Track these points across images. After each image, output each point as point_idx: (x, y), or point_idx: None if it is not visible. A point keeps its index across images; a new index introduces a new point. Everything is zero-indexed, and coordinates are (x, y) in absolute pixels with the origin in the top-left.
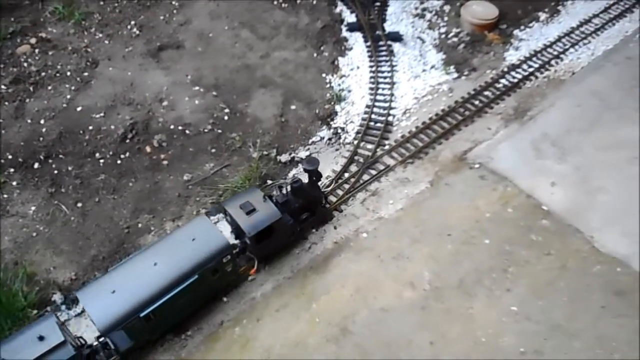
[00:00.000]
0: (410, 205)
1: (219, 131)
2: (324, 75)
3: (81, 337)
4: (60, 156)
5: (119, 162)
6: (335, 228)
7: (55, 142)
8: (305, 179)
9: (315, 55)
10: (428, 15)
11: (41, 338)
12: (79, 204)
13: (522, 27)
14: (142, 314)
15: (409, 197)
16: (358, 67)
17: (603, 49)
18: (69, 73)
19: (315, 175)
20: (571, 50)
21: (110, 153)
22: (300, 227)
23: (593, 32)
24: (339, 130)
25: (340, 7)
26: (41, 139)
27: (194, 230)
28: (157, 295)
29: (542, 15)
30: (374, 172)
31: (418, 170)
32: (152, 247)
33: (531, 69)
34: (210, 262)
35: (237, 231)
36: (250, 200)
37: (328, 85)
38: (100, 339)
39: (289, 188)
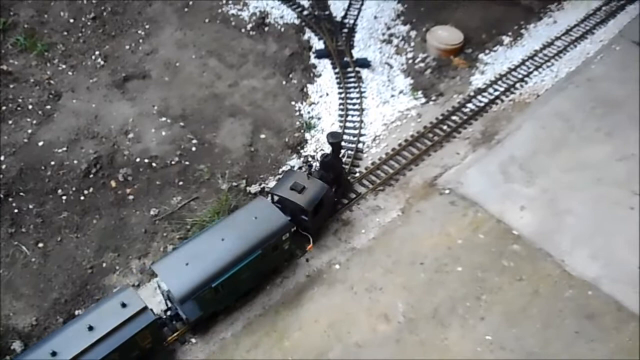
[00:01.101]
0: (382, 233)
1: (187, 163)
2: (293, 103)
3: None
4: (21, 194)
5: (82, 198)
6: (307, 260)
7: (15, 179)
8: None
9: (284, 82)
10: (395, 41)
11: (124, 305)
12: (40, 244)
13: (487, 51)
14: (213, 285)
15: (381, 226)
16: (327, 94)
17: (566, 71)
18: (30, 106)
19: (339, 148)
20: (535, 73)
21: (73, 189)
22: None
23: (556, 55)
24: (310, 159)
25: (309, 34)
26: (0, 176)
27: (255, 210)
28: (226, 268)
29: (506, 39)
30: (345, 200)
31: (389, 198)
32: (218, 225)
33: (497, 93)
34: (272, 239)
35: (292, 211)
36: (297, 180)
37: (297, 113)
38: (168, 312)
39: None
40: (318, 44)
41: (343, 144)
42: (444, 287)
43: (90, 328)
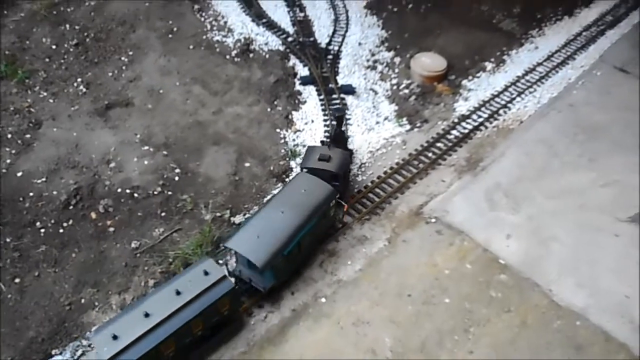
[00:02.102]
0: (369, 265)
1: (169, 193)
2: (278, 130)
3: None
4: None
5: (61, 231)
6: (292, 294)
7: None
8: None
9: (269, 109)
10: (379, 67)
11: (206, 273)
12: (17, 280)
13: (470, 78)
14: (285, 253)
15: (367, 257)
16: (312, 121)
17: (548, 97)
18: (9, 135)
19: (344, 120)
20: (518, 98)
21: (52, 221)
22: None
23: (538, 81)
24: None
25: (293, 61)
26: None
27: (301, 184)
28: (292, 236)
29: (489, 65)
30: (332, 230)
31: (375, 227)
32: (273, 201)
33: (481, 119)
34: (323, 207)
35: (329, 179)
36: (321, 152)
37: (282, 141)
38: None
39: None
40: (303, 71)
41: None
42: (431, 319)
43: (178, 293)
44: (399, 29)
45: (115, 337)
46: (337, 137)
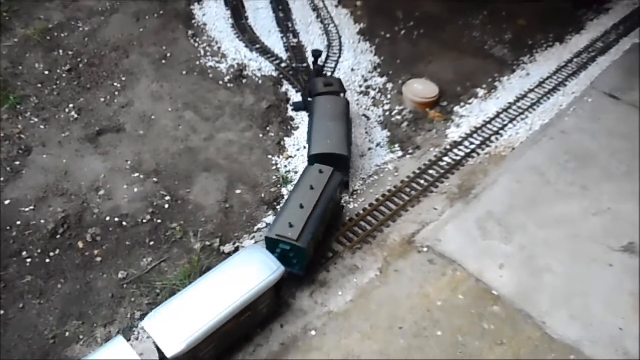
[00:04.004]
0: (360, 295)
1: (159, 221)
2: (269, 156)
3: None
4: None
5: (47, 261)
6: (282, 326)
7: None
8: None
9: (261, 135)
10: (372, 93)
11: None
12: (1, 312)
13: (462, 104)
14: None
15: (359, 287)
16: (304, 147)
17: (540, 124)
18: None
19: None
20: (510, 125)
21: (39, 251)
22: None
23: (529, 107)
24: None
25: (286, 87)
26: None
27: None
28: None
29: (481, 92)
30: (322, 260)
31: (367, 257)
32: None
33: (473, 146)
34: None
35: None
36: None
37: (274, 167)
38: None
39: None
40: (296, 97)
41: None
42: (423, 353)
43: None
44: (391, 55)
45: None
46: (318, 72)
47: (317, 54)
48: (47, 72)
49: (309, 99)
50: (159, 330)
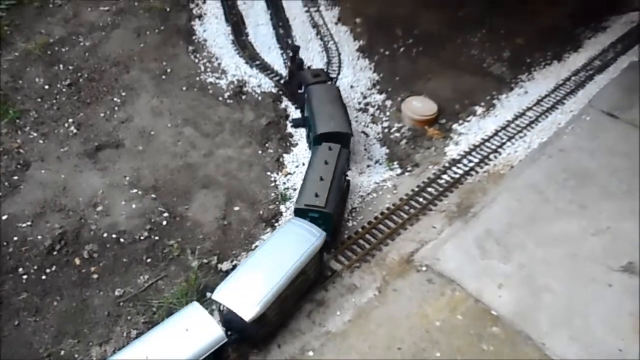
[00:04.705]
0: (358, 315)
1: (156, 238)
2: (268, 173)
3: None
4: None
5: (44, 277)
6: (279, 347)
7: None
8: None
9: (260, 152)
10: (371, 110)
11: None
12: None
13: (461, 122)
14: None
15: (357, 307)
16: (303, 164)
17: (538, 142)
18: None
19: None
20: (508, 143)
21: (35, 267)
22: None
23: (528, 125)
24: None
25: (285, 103)
26: None
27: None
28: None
29: (479, 109)
30: (320, 278)
31: (365, 275)
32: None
33: (471, 164)
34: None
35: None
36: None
37: (273, 184)
38: None
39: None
40: (295, 113)
41: None
42: None
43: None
44: (390, 72)
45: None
46: (292, 73)
47: (295, 48)
48: (47, 87)
49: (300, 90)
50: (231, 299)
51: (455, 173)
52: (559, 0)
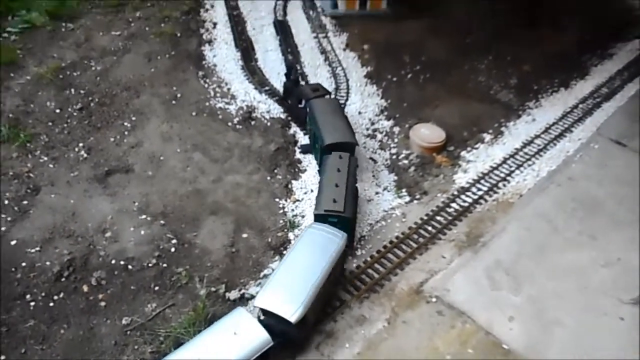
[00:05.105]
0: (367, 348)
1: (164, 265)
2: (277, 199)
3: None
4: None
5: (51, 304)
6: None
7: None
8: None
9: (268, 178)
10: (379, 136)
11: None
12: (2, 357)
13: (469, 149)
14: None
15: (366, 339)
16: (312, 191)
17: (547, 170)
18: (7, 201)
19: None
20: (517, 171)
21: (43, 294)
22: None
23: (536, 153)
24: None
25: (294, 129)
26: None
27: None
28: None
29: (487, 137)
30: (329, 309)
31: (374, 306)
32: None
33: (480, 192)
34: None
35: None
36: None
37: (281, 211)
38: None
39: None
40: (303, 139)
41: None
42: None
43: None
44: (398, 99)
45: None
46: (289, 88)
47: (291, 65)
48: (58, 111)
49: (300, 105)
50: (273, 304)
51: (464, 201)
52: (564, 27)
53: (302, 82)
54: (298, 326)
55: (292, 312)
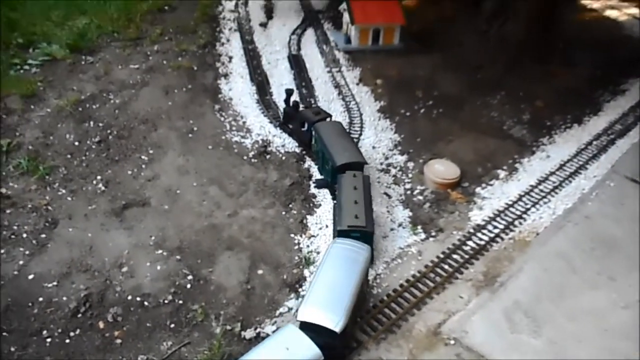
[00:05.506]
0: None
1: (180, 302)
2: (292, 235)
3: None
4: (4, 334)
5: (67, 341)
6: None
7: (0, 317)
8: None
9: (283, 213)
10: (393, 171)
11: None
12: None
13: (484, 185)
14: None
15: None
16: (327, 226)
17: (563, 208)
18: (25, 235)
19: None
20: (533, 209)
21: (59, 330)
22: None
23: (552, 190)
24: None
25: (309, 163)
26: None
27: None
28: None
29: (502, 173)
30: (346, 351)
31: (392, 348)
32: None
33: (496, 230)
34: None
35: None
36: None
37: (296, 247)
38: None
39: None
40: (318, 173)
41: None
42: None
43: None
44: (411, 133)
45: None
46: (290, 113)
47: (289, 91)
48: (77, 143)
49: (303, 129)
50: (316, 316)
51: (481, 239)
52: (574, 61)
53: (302, 106)
54: (340, 336)
55: (335, 322)
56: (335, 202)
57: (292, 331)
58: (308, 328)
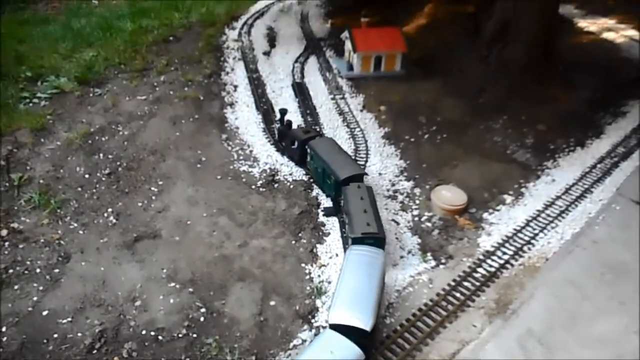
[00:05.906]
0: None
1: (194, 335)
2: (303, 265)
3: None
4: None
5: None
6: None
7: (15, 355)
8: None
9: (293, 242)
10: (400, 197)
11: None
12: None
13: (491, 211)
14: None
15: None
16: (337, 255)
17: (570, 232)
18: (38, 270)
19: (285, 113)
20: (541, 234)
21: None
22: None
23: (559, 215)
24: (321, 330)
25: (316, 191)
26: (0, 350)
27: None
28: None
29: (508, 198)
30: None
31: None
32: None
33: (506, 256)
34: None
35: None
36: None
37: (307, 277)
38: None
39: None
40: (326, 202)
41: None
42: None
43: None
44: (416, 159)
45: None
46: (283, 132)
47: (283, 111)
48: (87, 176)
49: (293, 147)
50: (346, 318)
51: (491, 266)
52: (574, 84)
53: (295, 126)
54: (371, 335)
55: (366, 321)
56: (341, 213)
57: (332, 335)
58: (339, 330)
